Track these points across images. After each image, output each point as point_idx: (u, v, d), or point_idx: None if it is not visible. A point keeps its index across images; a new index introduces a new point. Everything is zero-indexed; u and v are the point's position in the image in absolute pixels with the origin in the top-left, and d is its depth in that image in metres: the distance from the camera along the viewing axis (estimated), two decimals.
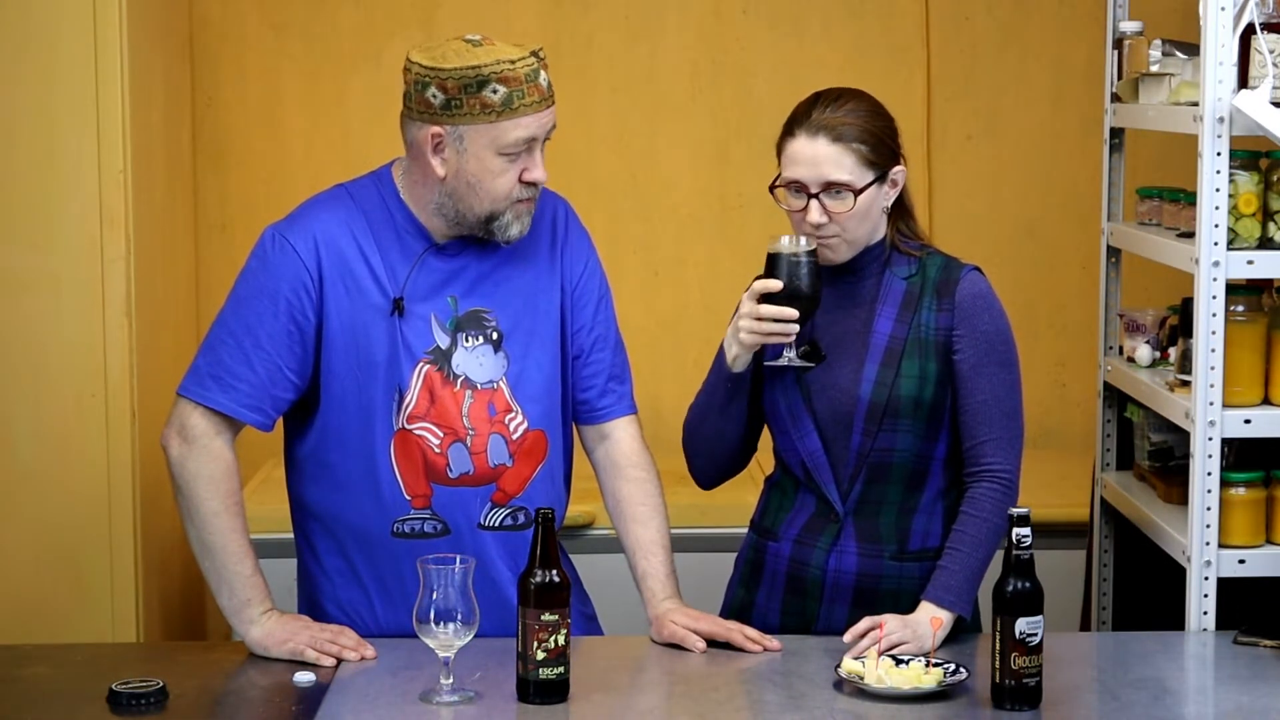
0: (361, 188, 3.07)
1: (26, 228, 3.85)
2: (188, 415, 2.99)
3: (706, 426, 3.11)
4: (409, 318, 3.00)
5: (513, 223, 2.99)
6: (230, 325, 3.00)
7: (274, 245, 3.01)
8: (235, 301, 3.02)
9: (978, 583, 3.01)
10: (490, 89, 2.91)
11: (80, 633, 3.85)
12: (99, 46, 3.82)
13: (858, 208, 3.00)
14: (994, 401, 3.02)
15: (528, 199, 2.99)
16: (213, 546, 2.98)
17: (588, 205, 3.38)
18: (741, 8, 4.86)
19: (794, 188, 3.02)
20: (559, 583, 2.73)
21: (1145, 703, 2.79)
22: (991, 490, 3.01)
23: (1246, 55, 3.11)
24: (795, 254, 2.97)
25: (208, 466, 2.98)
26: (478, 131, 2.93)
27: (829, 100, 3.02)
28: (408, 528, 3.02)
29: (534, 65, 2.94)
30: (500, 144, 2.93)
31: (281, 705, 2.76)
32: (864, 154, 2.99)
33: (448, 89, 2.92)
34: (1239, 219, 3.14)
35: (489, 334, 3.04)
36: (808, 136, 3.00)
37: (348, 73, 4.82)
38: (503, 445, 3.04)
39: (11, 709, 2.75)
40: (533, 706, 2.73)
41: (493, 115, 2.91)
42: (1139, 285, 4.33)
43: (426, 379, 3.01)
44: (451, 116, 2.93)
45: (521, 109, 2.92)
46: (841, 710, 2.74)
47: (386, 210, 3.03)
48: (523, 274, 3.08)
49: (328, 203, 3.06)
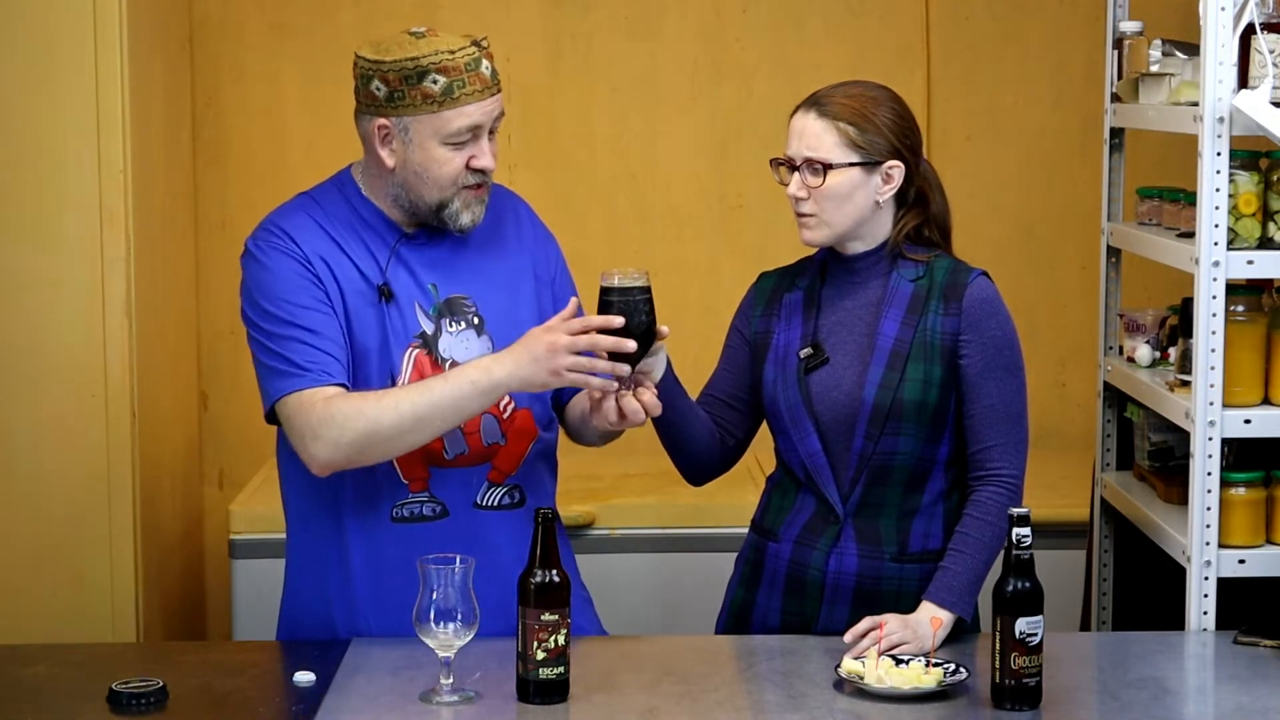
0: (324, 192, 3.11)
1: (26, 228, 3.85)
2: (295, 414, 2.93)
3: (662, 439, 3.11)
4: (395, 304, 3.02)
5: (462, 211, 3.02)
6: (269, 329, 2.97)
7: (262, 245, 3.02)
8: (259, 314, 2.99)
9: (979, 585, 3.01)
10: (430, 79, 2.95)
11: (80, 633, 3.85)
12: (99, 46, 3.82)
13: (829, 186, 2.99)
14: (1000, 406, 3.02)
15: (475, 185, 3.02)
16: (420, 409, 2.88)
17: (588, 205, 3.38)
18: (741, 8, 4.86)
19: (783, 162, 3.04)
20: (559, 582, 2.73)
21: (1145, 703, 2.79)
22: (997, 494, 3.01)
23: (1246, 55, 3.11)
24: (627, 287, 2.89)
25: (342, 407, 2.90)
26: (421, 122, 2.97)
27: (846, 84, 3.04)
28: (406, 511, 3.03)
29: (474, 54, 2.98)
30: (444, 133, 2.97)
31: (281, 705, 2.76)
32: (849, 135, 2.99)
33: (390, 81, 2.97)
34: (1239, 219, 3.14)
35: (470, 319, 3.07)
36: (803, 111, 3.04)
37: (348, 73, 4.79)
38: (495, 424, 3.06)
39: (11, 709, 2.75)
40: (532, 706, 2.73)
41: (434, 105, 2.96)
42: (1139, 285, 4.33)
43: (417, 362, 3.03)
44: (395, 108, 2.98)
45: (463, 98, 2.96)
46: (841, 710, 2.74)
47: (352, 208, 3.07)
48: (496, 264, 3.11)
49: (294, 208, 3.09)
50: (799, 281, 3.14)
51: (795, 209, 3.04)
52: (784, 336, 3.10)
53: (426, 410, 2.90)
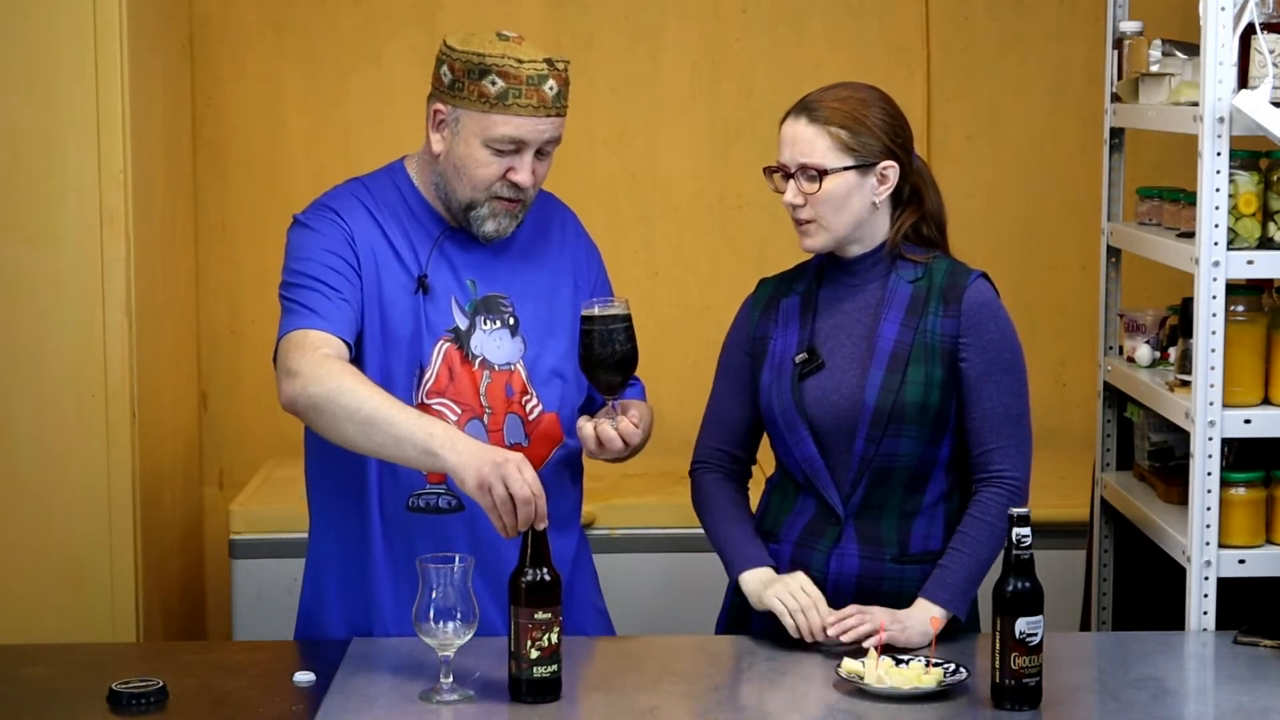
0: (374, 179, 3.14)
1: (26, 228, 3.85)
2: (291, 348, 2.91)
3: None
4: (432, 296, 3.04)
5: (489, 219, 3.03)
6: (294, 279, 2.98)
7: (311, 216, 3.05)
8: (290, 267, 3.00)
9: (976, 585, 3.01)
10: (490, 80, 2.97)
11: (80, 633, 3.86)
12: (99, 47, 3.82)
13: (825, 191, 2.99)
14: (1002, 408, 3.02)
15: (508, 199, 3.02)
16: (376, 417, 2.82)
17: (588, 205, 3.38)
18: (741, 8, 4.86)
19: (777, 170, 3.04)
20: (550, 581, 2.73)
21: (1145, 703, 2.79)
22: (998, 495, 3.01)
23: (1246, 55, 3.11)
24: (605, 315, 2.95)
25: (330, 367, 2.88)
26: (471, 118, 2.99)
27: (832, 87, 3.04)
28: (423, 502, 3.03)
29: (542, 71, 2.99)
30: (487, 136, 2.99)
31: (281, 705, 2.76)
32: (842, 139, 2.99)
33: (455, 70, 3.00)
34: (1239, 219, 3.14)
35: (505, 319, 3.08)
36: (794, 117, 3.03)
37: (348, 73, 4.82)
38: (519, 425, 3.07)
39: (11, 709, 2.75)
40: (528, 706, 2.73)
41: (486, 106, 2.98)
42: (1139, 285, 4.33)
43: (446, 356, 3.04)
44: (453, 97, 3.01)
45: (515, 107, 2.97)
46: (841, 710, 2.74)
47: (401, 196, 3.10)
48: (537, 269, 3.13)
49: (344, 191, 3.11)
50: (796, 286, 3.14)
51: (793, 216, 3.03)
52: (781, 342, 3.10)
53: (380, 423, 2.82)
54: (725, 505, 3.12)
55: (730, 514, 3.11)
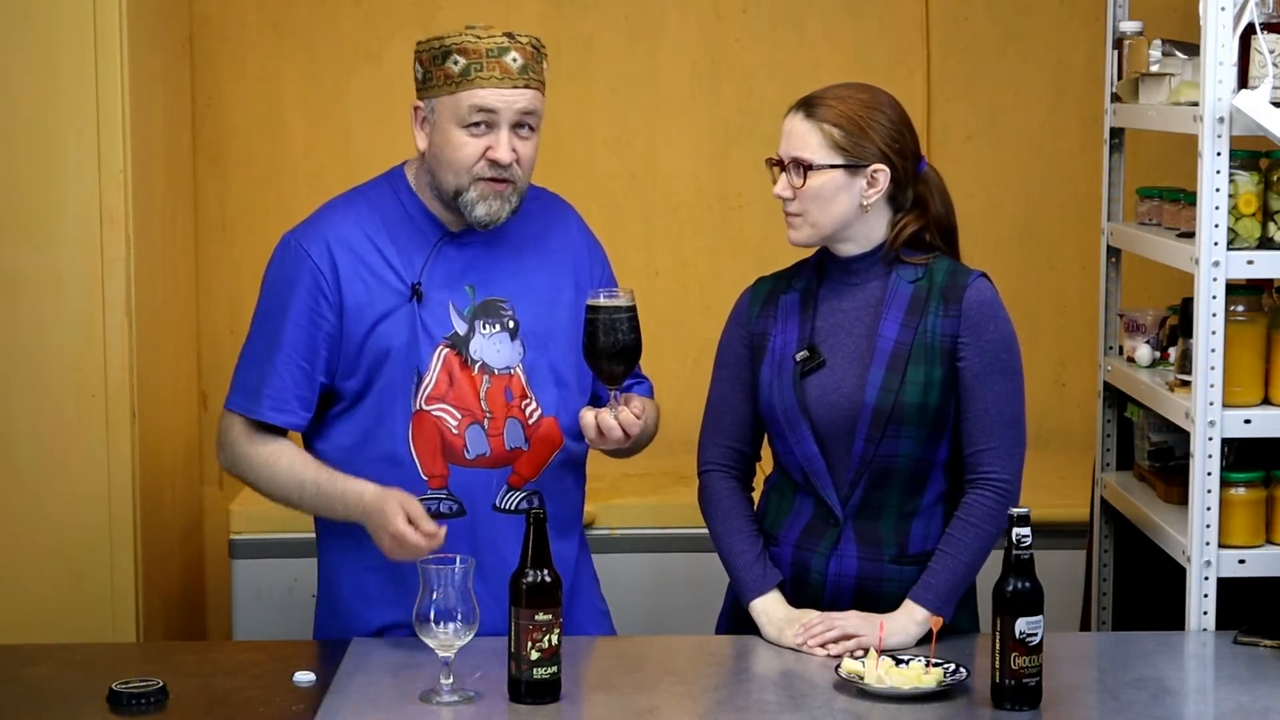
0: (373, 187, 3.15)
1: (26, 228, 3.85)
2: (229, 427, 3.11)
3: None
4: (428, 304, 3.05)
5: (478, 202, 3.03)
6: (255, 339, 3.09)
7: (289, 253, 3.08)
8: (260, 315, 3.10)
9: (962, 587, 3.01)
10: (452, 60, 3.00)
11: (80, 633, 3.85)
12: (99, 47, 3.82)
13: (810, 186, 3.00)
14: (996, 410, 3.02)
15: (492, 179, 3.02)
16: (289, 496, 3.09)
17: (588, 205, 3.38)
18: (741, 8, 4.86)
19: (775, 162, 3.05)
20: (550, 582, 2.73)
21: (1145, 703, 2.79)
22: (984, 497, 3.01)
23: (1246, 55, 3.11)
24: (609, 306, 2.99)
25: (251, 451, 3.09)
26: (443, 104, 3.02)
27: (842, 86, 3.05)
28: (425, 507, 3.03)
29: (502, 44, 3.01)
30: (458, 114, 3.00)
31: (281, 705, 2.76)
32: (834, 137, 2.99)
33: (423, 62, 3.05)
34: (1239, 219, 3.14)
35: (505, 322, 3.08)
36: (794, 112, 3.05)
37: (348, 73, 4.82)
38: (519, 429, 3.07)
39: (11, 709, 2.75)
40: (528, 707, 2.73)
41: (452, 86, 3.00)
42: (1139, 285, 4.33)
43: (446, 361, 3.05)
44: (426, 90, 3.05)
45: (479, 80, 2.99)
46: (841, 710, 2.74)
47: (399, 203, 3.10)
48: (537, 270, 3.13)
49: (341, 204, 3.13)
50: (795, 283, 3.14)
51: (784, 208, 3.05)
52: (780, 339, 3.10)
53: (294, 499, 3.07)
54: (736, 517, 3.12)
55: (740, 527, 3.11)
